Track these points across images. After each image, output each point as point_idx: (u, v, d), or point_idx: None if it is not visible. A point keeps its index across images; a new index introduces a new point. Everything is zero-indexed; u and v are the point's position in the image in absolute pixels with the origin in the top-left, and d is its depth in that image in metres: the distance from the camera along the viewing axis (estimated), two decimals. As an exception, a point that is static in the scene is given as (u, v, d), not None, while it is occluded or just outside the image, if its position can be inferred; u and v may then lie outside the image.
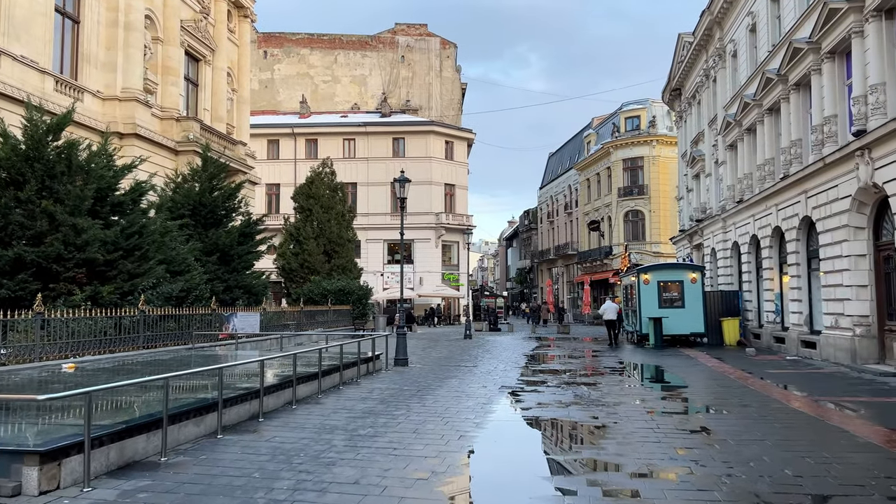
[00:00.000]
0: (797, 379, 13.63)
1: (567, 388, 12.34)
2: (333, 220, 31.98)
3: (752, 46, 23.70)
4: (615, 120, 53.18)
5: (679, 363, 17.41)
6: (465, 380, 13.65)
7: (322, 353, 12.88)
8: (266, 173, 48.62)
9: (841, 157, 15.59)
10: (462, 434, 8.08)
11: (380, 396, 11.08)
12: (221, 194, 22.33)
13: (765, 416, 9.23)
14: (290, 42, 58.15)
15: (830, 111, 16.61)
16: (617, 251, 50.50)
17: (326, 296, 28.20)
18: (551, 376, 14.54)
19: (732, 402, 10.66)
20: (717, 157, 28.36)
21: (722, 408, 10.14)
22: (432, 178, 48.85)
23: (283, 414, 9.29)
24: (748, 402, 10.59)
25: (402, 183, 16.67)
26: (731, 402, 10.66)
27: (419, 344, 24.62)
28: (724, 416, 9.44)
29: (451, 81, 58.84)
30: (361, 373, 13.76)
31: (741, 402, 10.61)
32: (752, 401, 10.69)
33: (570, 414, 9.54)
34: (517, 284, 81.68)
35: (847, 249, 15.68)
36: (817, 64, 17.36)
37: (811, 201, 17.81)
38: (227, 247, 21.54)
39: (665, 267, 26.26)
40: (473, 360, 18.11)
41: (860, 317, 15.33)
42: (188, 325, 17.31)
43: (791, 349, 19.20)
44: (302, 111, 54.01)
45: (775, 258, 21.54)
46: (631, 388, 12.70)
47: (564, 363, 17.94)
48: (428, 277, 47.84)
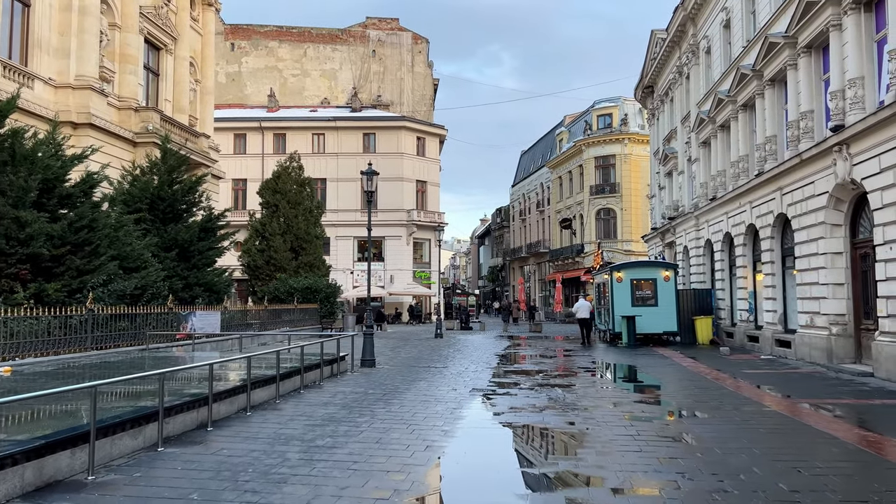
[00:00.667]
0: (775, 379, 13.29)
1: (541, 390, 11.80)
2: (301, 215, 31.09)
3: (727, 42, 23.48)
4: (587, 118, 53.02)
5: (653, 363, 17.02)
6: (434, 382, 13.03)
7: (282, 355, 12.16)
8: (232, 168, 47.39)
9: (818, 152, 15.31)
10: (429, 444, 7.46)
11: (343, 401, 10.40)
12: (181, 188, 21.40)
13: (748, 421, 8.77)
14: (259, 34, 56.84)
15: (807, 106, 16.34)
16: (589, 249, 50.35)
17: (293, 294, 27.36)
18: (524, 377, 13.99)
19: (712, 404, 10.21)
20: (689, 155, 28.16)
21: (702, 411, 9.67)
22: (403, 175, 48.11)
23: (236, 422, 8.57)
24: (728, 404, 10.15)
25: (369, 176, 15.97)
26: (711, 404, 10.21)
27: (388, 343, 23.94)
28: (706, 421, 8.96)
29: (422, 77, 58.12)
30: (325, 375, 13.05)
31: (721, 404, 10.17)
32: (732, 403, 10.26)
33: (545, 419, 8.98)
34: (489, 282, 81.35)
35: (823, 247, 15.41)
36: (793, 59, 17.09)
37: (786, 198, 17.56)
38: (187, 242, 20.62)
39: (638, 265, 25.96)
40: (444, 361, 17.51)
41: (836, 315, 15.07)
42: (143, 325, 16.41)
43: (765, 348, 18.96)
44: (270, 105, 52.81)
45: (749, 256, 21.32)
46: (606, 390, 12.21)
47: (537, 363, 17.43)
48: (399, 275, 47.11)
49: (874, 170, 13.10)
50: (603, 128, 51.21)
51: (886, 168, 12.64)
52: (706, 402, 10.50)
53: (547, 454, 7.38)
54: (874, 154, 13.07)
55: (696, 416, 9.45)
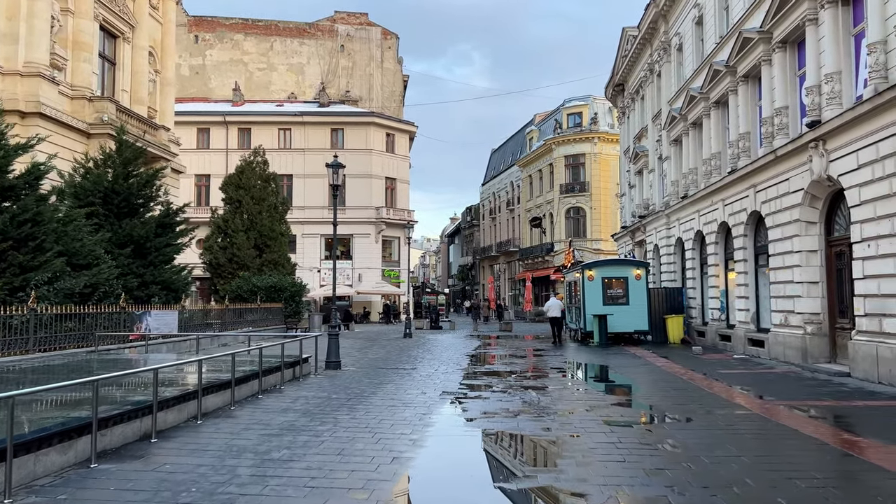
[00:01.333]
0: (752, 380, 12.97)
1: (514, 392, 11.27)
2: (265, 212, 30.15)
3: (699, 39, 23.28)
4: (557, 116, 52.85)
5: (627, 363, 16.64)
6: (402, 385, 12.41)
7: (240, 357, 11.42)
8: (195, 163, 46.06)
9: (793, 149, 15.07)
10: (396, 455, 6.85)
11: (304, 407, 9.72)
12: (138, 181, 20.42)
13: (732, 426, 8.35)
14: (223, 27, 55.43)
15: (781, 102, 16.11)
16: (559, 248, 50.18)
17: (256, 293, 26.44)
18: (496, 379, 13.45)
19: (692, 407, 9.79)
20: (660, 153, 27.97)
21: (683, 415, 9.23)
22: (372, 172, 47.31)
23: (184, 432, 7.84)
24: (709, 407, 9.74)
25: (335, 168, 15.26)
26: (691, 407, 9.79)
27: (355, 344, 23.23)
28: (689, 426, 8.51)
29: (392, 73, 57.33)
30: (287, 378, 12.34)
31: (702, 407, 9.75)
32: (713, 406, 9.85)
33: (520, 425, 8.43)
34: (459, 281, 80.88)
35: (798, 245, 15.18)
36: (768, 54, 16.86)
37: (760, 195, 17.33)
38: (144, 238, 19.67)
39: (609, 263, 25.66)
40: (413, 362, 16.89)
41: (811, 314, 14.85)
42: (93, 326, 15.48)
43: (738, 347, 18.74)
44: (235, 99, 51.52)
45: (721, 254, 21.13)
46: (582, 393, 11.73)
47: (509, 364, 16.92)
48: (367, 274, 46.31)
49: (852, 166, 12.86)
50: (573, 126, 51.08)
51: (865, 164, 12.39)
52: (685, 404, 10.08)
53: (524, 466, 6.81)
54: (852, 150, 12.83)
55: (678, 420, 9.00)
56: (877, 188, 12.04)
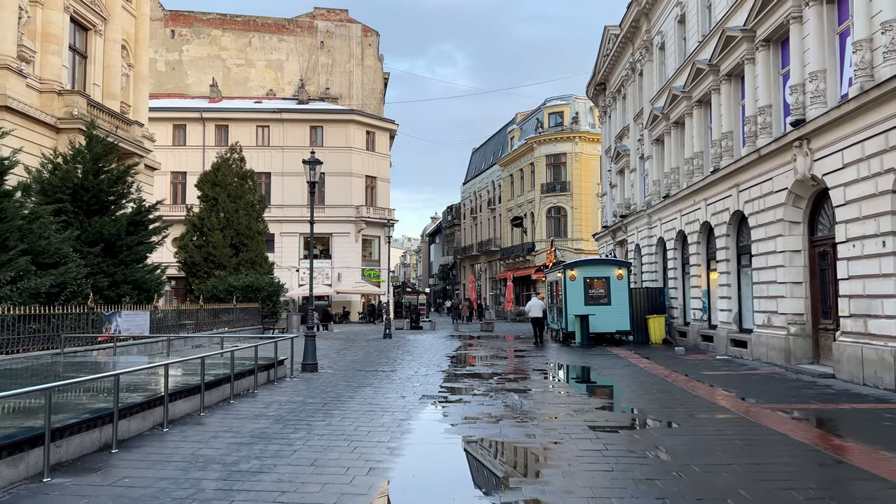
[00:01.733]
0: (736, 382, 12.79)
1: (496, 396, 10.95)
2: (242, 210, 29.55)
3: (681, 38, 23.17)
4: (539, 115, 52.70)
5: (609, 364, 16.42)
6: (381, 388, 12.04)
7: (212, 360, 10.99)
8: (171, 161, 45.30)
9: (777, 148, 14.94)
10: (373, 465, 6.49)
11: (277, 413, 9.31)
12: (108, 177, 19.79)
13: (721, 431, 8.11)
14: (201, 22, 54.50)
15: (765, 101, 15.99)
16: (540, 248, 50.03)
17: (232, 293, 25.89)
18: (477, 382, 13.13)
19: (678, 411, 9.55)
20: (642, 152, 27.87)
21: (670, 419, 8.98)
22: (352, 170, 46.79)
23: (149, 441, 7.41)
24: (695, 411, 9.51)
25: (312, 165, 14.83)
26: (677, 411, 9.54)
27: (333, 345, 22.79)
28: (676, 431, 8.26)
29: (372, 70, 56.80)
30: (260, 382, 11.91)
31: (688, 411, 9.52)
32: (699, 410, 9.62)
33: (504, 431, 8.11)
34: (440, 281, 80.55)
35: (781, 245, 15.06)
36: (751, 53, 16.74)
37: (743, 195, 17.21)
38: (114, 237, 19.06)
39: (592, 263, 25.47)
40: (392, 364, 16.51)
41: (794, 315, 14.73)
42: (60, 327, 14.92)
43: (720, 348, 18.62)
44: (212, 95, 50.66)
45: (703, 254, 21.02)
46: (565, 396, 11.44)
47: (490, 365, 16.61)
48: (347, 273, 45.79)
49: (836, 165, 12.73)
50: (554, 126, 50.97)
51: (850, 163, 12.26)
52: (671, 408, 9.84)
53: (508, 476, 6.48)
54: (837, 149, 12.70)
55: (665, 425, 8.74)
56: (862, 187, 11.91)
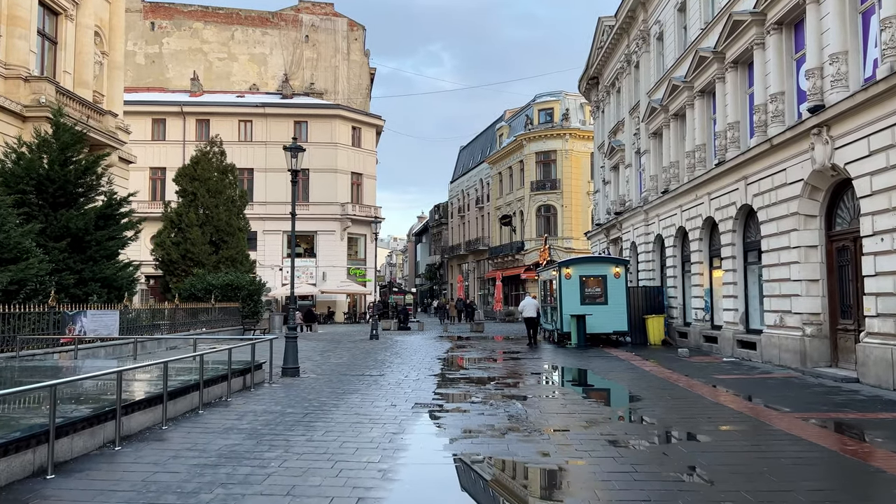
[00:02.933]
0: (752, 387, 11.82)
1: (497, 404, 9.88)
2: (222, 205, 28.27)
3: (681, 27, 22.27)
4: (528, 112, 51.76)
5: (612, 367, 15.42)
6: (368, 395, 10.93)
7: (182, 364, 9.85)
8: (150, 156, 43.86)
9: (792, 136, 14.00)
10: (362, 495, 5.39)
11: (251, 426, 8.18)
12: (76, 168, 18.52)
13: (758, 446, 7.11)
14: (182, 14, 52.99)
15: (777, 88, 15.06)
16: (529, 246, 49.09)
17: (211, 291, 24.62)
18: (474, 388, 12.06)
19: (701, 421, 8.55)
20: (638, 147, 26.96)
21: (695, 431, 7.97)
22: (338, 166, 45.56)
23: (94, 463, 6.26)
24: (720, 421, 8.51)
25: (294, 152, 13.68)
26: (700, 421, 8.54)
27: (317, 347, 21.62)
28: (708, 447, 7.24)
29: (359, 65, 55.59)
30: (235, 388, 10.76)
31: (711, 421, 8.52)
32: (724, 419, 8.63)
33: (511, 448, 7.04)
34: (427, 280, 79.41)
35: (796, 240, 14.13)
36: (761, 37, 15.82)
37: (752, 188, 16.28)
38: (82, 231, 17.81)
39: (588, 260, 24.51)
40: (380, 367, 15.39)
41: (810, 315, 13.80)
42: (18, 327, 13.68)
43: (725, 349, 17.70)
44: (193, 89, 49.22)
45: (705, 251, 20.10)
46: (573, 404, 10.39)
47: (486, 369, 15.53)
48: (332, 272, 44.56)
49: (861, 153, 11.80)
50: (544, 122, 50.06)
51: (876, 151, 11.34)
52: (693, 418, 8.83)
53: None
54: (861, 136, 11.77)
55: (691, 439, 7.72)
56: (891, 176, 10.99)
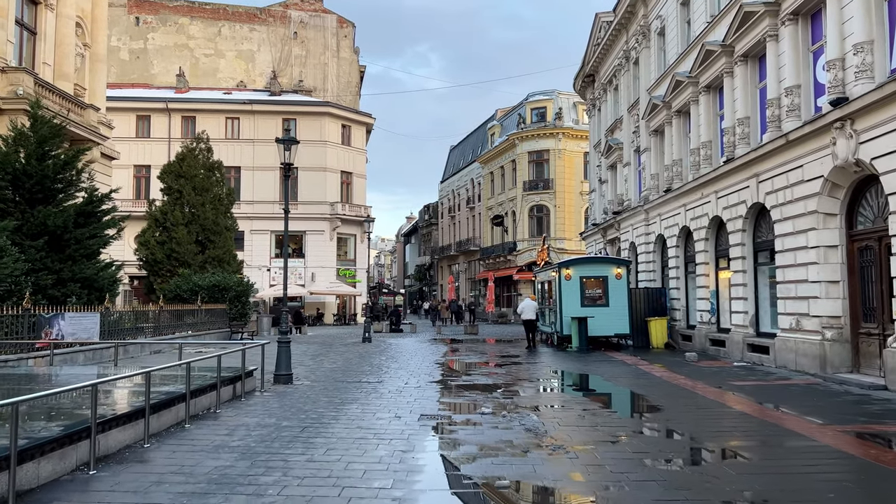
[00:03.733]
0: (777, 395, 11.15)
1: (510, 416, 9.12)
2: (209, 203, 27.33)
3: (684, 21, 21.66)
4: (521, 111, 51.11)
5: (620, 373, 14.72)
6: (369, 405, 10.13)
7: (163, 373, 9.02)
8: (134, 153, 42.74)
9: (811, 131, 13.37)
10: (377, 532, 4.62)
11: (243, 442, 7.37)
12: (55, 162, 17.58)
13: (813, 466, 6.40)
14: (167, 9, 51.83)
15: (793, 81, 14.44)
16: (522, 247, 48.45)
17: (197, 292, 23.70)
18: (481, 395, 11.29)
19: (737, 435, 7.86)
20: (637, 145, 26.33)
21: (735, 449, 7.26)
22: (327, 165, 44.64)
23: (64, 491, 5.43)
24: (760, 435, 7.82)
25: (287, 145, 12.85)
26: (736, 436, 7.85)
27: (308, 350, 20.76)
28: (757, 468, 6.51)
29: (348, 63, 54.69)
30: (224, 398, 9.93)
31: (749, 435, 7.83)
32: (762, 434, 7.93)
33: (539, 471, 6.28)
34: (416, 281, 78.58)
35: (814, 239, 13.50)
36: (775, 28, 15.20)
37: (764, 186, 15.65)
38: (61, 228, 16.90)
39: (588, 261, 23.82)
40: (377, 373, 14.59)
41: (830, 318, 13.16)
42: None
43: (734, 353, 17.05)
44: (179, 85, 48.09)
45: (711, 252, 19.47)
46: (592, 415, 9.62)
47: (489, 375, 14.76)
48: (321, 273, 43.63)
49: (890, 147, 11.18)
50: (537, 121, 49.42)
51: (907, 145, 10.72)
52: (727, 432, 8.13)
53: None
54: (890, 129, 11.15)
55: (735, 458, 7.00)
56: (924, 172, 10.37)
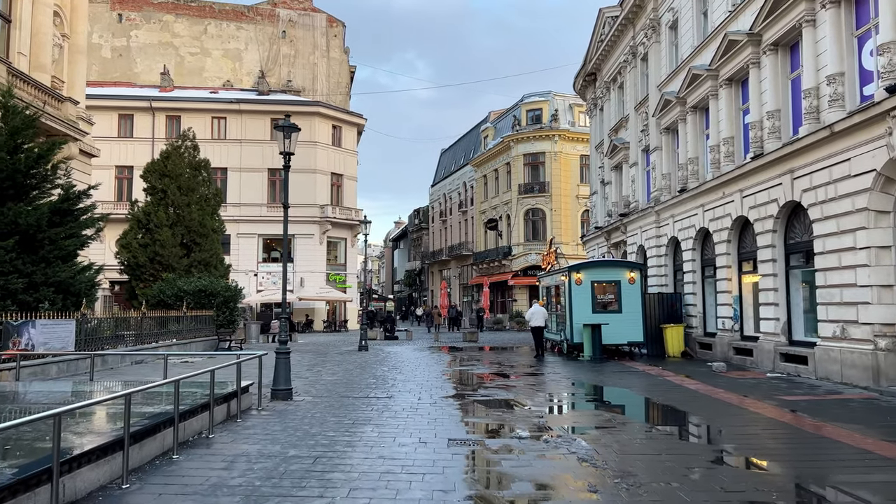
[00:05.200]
0: (841, 412, 9.93)
1: (553, 440, 7.82)
2: (195, 204, 25.83)
3: (700, 12, 20.60)
4: (516, 112, 50.00)
5: (650, 385, 13.49)
6: (385, 426, 8.79)
7: (148, 391, 7.66)
8: (116, 154, 41.12)
9: (861, 121, 12.25)
10: None
11: (245, 479, 6.00)
12: (28, 156, 16.07)
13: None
14: (151, 6, 50.22)
15: (835, 68, 13.33)
16: (517, 251, 47.27)
17: (183, 298, 22.19)
18: (508, 415, 9.98)
19: (836, 468, 6.62)
20: (646, 144, 25.22)
21: (849, 488, 6.02)
22: (317, 166, 43.20)
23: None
24: (860, 466, 6.59)
25: (286, 132, 11.48)
26: (836, 468, 6.61)
27: (303, 360, 19.33)
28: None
29: (338, 63, 53.33)
30: (218, 419, 8.55)
31: (850, 468, 6.59)
32: (866, 465, 6.70)
33: (623, 521, 5.00)
34: (406, 287, 77.13)
35: (864, 240, 12.37)
36: (812, 13, 14.12)
37: (800, 182, 14.52)
38: (33, 228, 15.42)
39: (599, 264, 22.62)
40: (384, 386, 13.22)
41: (883, 325, 12.03)
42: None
43: (764, 363, 15.88)
44: (163, 84, 46.47)
45: (734, 254, 18.34)
46: (650, 441, 8.32)
47: (506, 388, 13.41)
48: (310, 278, 42.11)
49: (962, 136, 10.07)
50: (532, 123, 48.33)
51: (985, 132, 9.61)
52: (820, 461, 6.90)
53: None
54: (962, 115, 10.05)
55: (855, 496, 5.75)
56: None
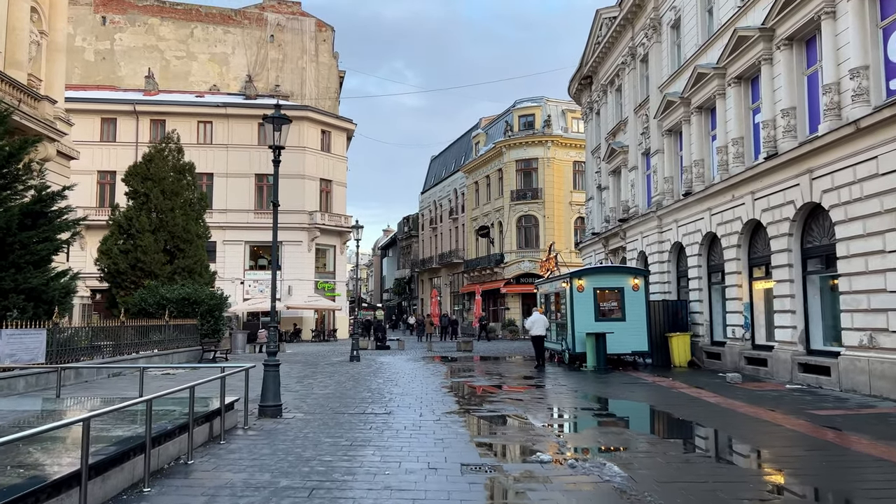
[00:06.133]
0: (880, 427, 9.10)
1: (580, 464, 6.92)
2: (178, 209, 24.75)
3: (705, 10, 19.94)
4: (508, 118, 49.31)
5: (665, 398, 12.62)
6: (387, 448, 7.84)
7: (124, 410, 6.70)
8: (98, 158, 39.98)
9: (889, 116, 11.51)
10: None
11: (229, 522, 5.05)
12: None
13: None
14: (136, 8, 49.15)
15: (859, 62, 12.61)
16: (509, 259, 46.46)
17: (165, 306, 21.11)
18: (521, 434, 9.05)
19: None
20: (647, 147, 24.50)
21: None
22: (306, 172, 42.20)
23: None
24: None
25: (277, 124, 10.56)
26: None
27: (292, 371, 18.31)
28: None
29: (327, 68, 52.47)
30: (199, 440, 7.56)
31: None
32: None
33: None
34: (395, 295, 76.05)
35: (893, 242, 11.61)
36: (832, 5, 13.43)
37: (820, 183, 13.77)
38: (2, 231, 14.41)
39: (602, 270, 21.80)
40: (380, 402, 12.24)
41: (916, 333, 11.27)
42: None
43: (780, 374, 15.08)
44: (148, 88, 45.39)
45: (744, 260, 17.57)
46: (686, 464, 7.42)
47: (514, 402, 12.42)
48: (298, 286, 41.02)
49: None
50: (524, 129, 47.64)
51: None
52: (886, 492, 6.04)
53: None
54: None
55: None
56: None
